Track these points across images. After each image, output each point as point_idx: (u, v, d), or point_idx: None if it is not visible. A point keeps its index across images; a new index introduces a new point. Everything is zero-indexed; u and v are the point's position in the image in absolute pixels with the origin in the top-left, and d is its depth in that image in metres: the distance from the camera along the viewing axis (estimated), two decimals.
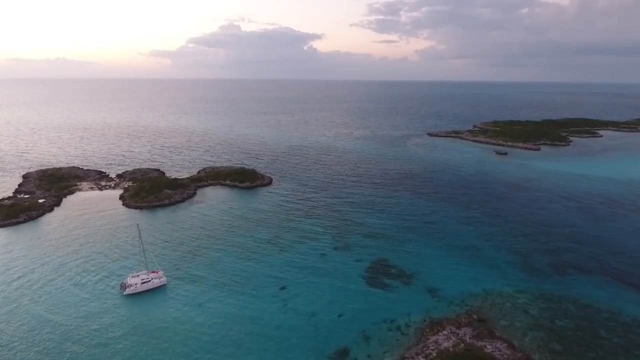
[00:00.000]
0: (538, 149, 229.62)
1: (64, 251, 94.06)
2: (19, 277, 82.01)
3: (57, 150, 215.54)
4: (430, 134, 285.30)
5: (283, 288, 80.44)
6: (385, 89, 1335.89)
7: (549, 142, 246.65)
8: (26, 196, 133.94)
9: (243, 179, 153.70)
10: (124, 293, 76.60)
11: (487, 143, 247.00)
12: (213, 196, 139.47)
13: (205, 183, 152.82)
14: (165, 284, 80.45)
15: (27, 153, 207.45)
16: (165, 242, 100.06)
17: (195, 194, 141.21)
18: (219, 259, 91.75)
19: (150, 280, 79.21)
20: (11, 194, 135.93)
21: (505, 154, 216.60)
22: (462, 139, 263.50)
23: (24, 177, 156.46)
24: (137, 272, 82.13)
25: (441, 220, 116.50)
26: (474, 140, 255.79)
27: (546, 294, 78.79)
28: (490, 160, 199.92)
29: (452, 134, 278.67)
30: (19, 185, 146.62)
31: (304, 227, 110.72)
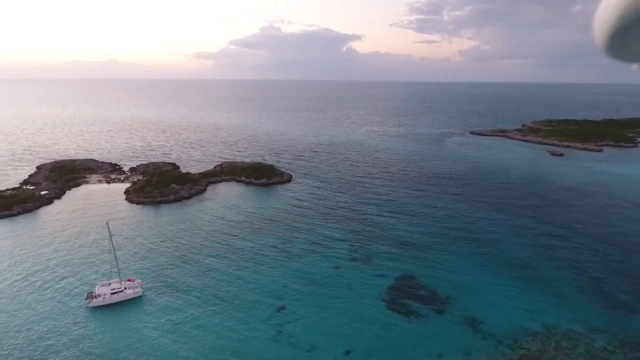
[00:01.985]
0: (600, 150, 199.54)
1: (41, 250, 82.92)
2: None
3: (81, 143, 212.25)
4: (472, 133, 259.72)
5: (282, 308, 64.29)
6: (425, 89, 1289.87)
7: (612, 143, 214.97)
8: (31, 187, 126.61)
9: (259, 175, 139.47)
10: (89, 305, 63.41)
11: (539, 143, 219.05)
12: (224, 193, 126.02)
13: (219, 179, 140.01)
14: (140, 296, 66.63)
15: (50, 145, 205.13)
16: (154, 243, 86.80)
17: (205, 190, 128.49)
18: (211, 266, 76.99)
19: (122, 291, 65.62)
20: (17, 185, 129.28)
21: (562, 155, 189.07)
22: (509, 138, 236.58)
23: (38, 167, 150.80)
24: (108, 279, 68.92)
25: (486, 230, 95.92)
26: (523, 140, 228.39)
27: (635, 336, 57.58)
28: (544, 162, 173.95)
29: (498, 133, 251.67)
30: (30, 175, 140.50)
31: (318, 232, 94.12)
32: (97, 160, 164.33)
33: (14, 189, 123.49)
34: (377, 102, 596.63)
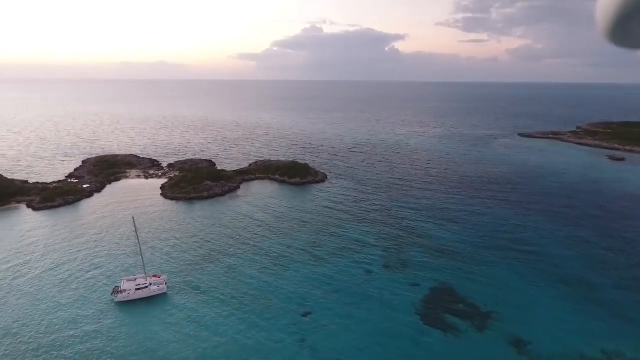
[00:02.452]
0: None
1: (74, 241, 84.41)
2: (11, 266, 73.09)
3: (124, 139, 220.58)
4: (521, 135, 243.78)
5: (306, 314, 60.52)
6: (470, 90, 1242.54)
7: None
8: (75, 180, 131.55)
9: (293, 174, 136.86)
10: (114, 300, 62.81)
11: (597, 147, 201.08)
12: (257, 191, 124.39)
13: (253, 177, 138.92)
14: (165, 292, 65.32)
15: (96, 140, 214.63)
16: (183, 240, 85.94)
17: (238, 187, 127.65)
18: (236, 266, 74.63)
19: (147, 287, 64.57)
20: (62, 178, 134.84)
21: (623, 159, 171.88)
22: (562, 140, 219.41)
23: (83, 162, 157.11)
24: (135, 274, 68.27)
25: (535, 240, 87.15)
26: (578, 143, 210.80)
27: None
28: (602, 167, 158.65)
29: (550, 135, 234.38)
30: (75, 169, 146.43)
31: (350, 235, 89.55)
32: (138, 156, 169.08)
33: (59, 181, 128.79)
34: (419, 103, 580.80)
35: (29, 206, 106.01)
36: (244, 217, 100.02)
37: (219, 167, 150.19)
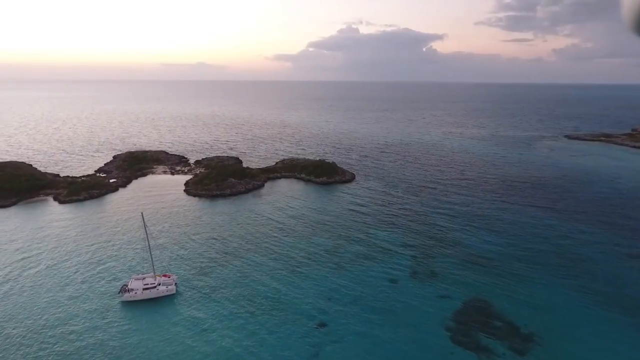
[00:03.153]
0: None
1: (91, 235, 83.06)
2: (22, 259, 72.17)
3: (156, 136, 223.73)
4: (568, 137, 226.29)
5: (321, 326, 54.85)
6: (512, 90, 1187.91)
7: None
8: (103, 175, 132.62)
9: (320, 173, 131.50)
10: (121, 299, 59.78)
11: None
12: (281, 190, 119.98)
13: (278, 175, 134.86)
14: (173, 294, 61.66)
15: (129, 137, 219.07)
16: (198, 239, 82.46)
17: (262, 185, 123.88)
18: (252, 269, 69.99)
19: (155, 287, 61.14)
20: (92, 172, 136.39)
21: None
22: (616, 143, 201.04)
23: (114, 157, 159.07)
24: (144, 273, 65.15)
25: (587, 254, 76.95)
26: (634, 146, 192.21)
27: None
28: None
29: (602, 138, 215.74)
30: (105, 164, 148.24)
31: (376, 240, 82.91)
32: (167, 152, 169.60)
33: (87, 175, 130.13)
34: (455, 103, 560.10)
35: (55, 199, 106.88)
36: (264, 217, 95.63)
37: (246, 165, 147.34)
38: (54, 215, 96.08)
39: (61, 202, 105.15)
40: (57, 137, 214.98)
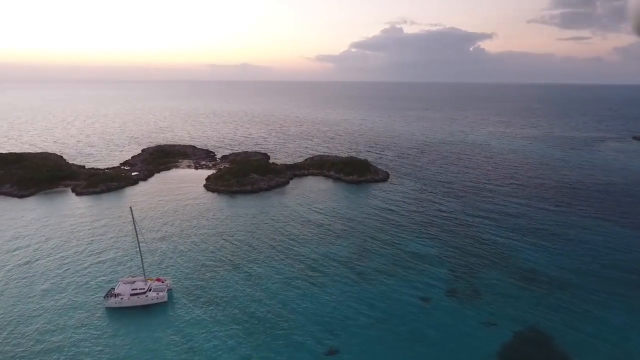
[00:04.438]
0: None
1: (94, 230, 77.22)
2: (15, 249, 66.92)
3: (190, 131, 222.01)
4: (637, 138, 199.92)
5: (332, 353, 44.34)
6: (569, 91, 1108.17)
7: None
8: (127, 168, 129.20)
9: (350, 170, 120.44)
10: (105, 304, 52.17)
11: None
12: (306, 187, 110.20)
13: (305, 172, 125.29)
14: (165, 301, 53.31)
15: (162, 131, 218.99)
16: (205, 238, 74.10)
17: (287, 182, 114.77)
18: (258, 277, 60.42)
19: (144, 293, 53.04)
20: (117, 165, 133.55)
21: None
22: None
23: (143, 150, 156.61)
24: (134, 276, 57.35)
25: None
26: None
27: None
28: None
29: None
30: (132, 157, 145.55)
31: (407, 248, 70.87)
32: (196, 147, 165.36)
33: (111, 168, 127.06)
34: (504, 103, 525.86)
35: (73, 190, 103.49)
36: (282, 217, 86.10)
37: (273, 161, 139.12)
38: (66, 206, 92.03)
39: (78, 193, 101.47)
40: (94, 131, 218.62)
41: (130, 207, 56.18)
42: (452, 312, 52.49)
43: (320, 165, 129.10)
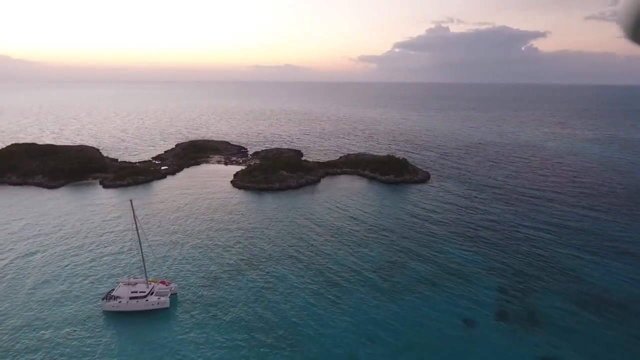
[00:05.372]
0: None
1: (104, 224, 73.70)
2: (26, 238, 63.97)
3: (225, 127, 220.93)
4: None
5: None
6: (635, 93, 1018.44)
7: None
8: (157, 162, 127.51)
9: (387, 170, 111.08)
10: (103, 307, 47.17)
11: None
12: (339, 187, 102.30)
13: (338, 170, 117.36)
14: (167, 307, 47.51)
15: (198, 127, 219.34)
16: (221, 237, 68.22)
17: (319, 181, 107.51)
18: (273, 285, 53.31)
19: (144, 297, 47.51)
20: (148, 159, 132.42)
21: None
22: None
23: (176, 145, 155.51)
24: (136, 277, 52.08)
25: None
26: None
27: None
28: None
29: None
30: (165, 151, 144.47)
31: (448, 259, 61.09)
32: (229, 143, 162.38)
33: (142, 162, 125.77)
34: (559, 104, 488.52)
35: (101, 182, 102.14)
36: (308, 218, 78.73)
37: (306, 158, 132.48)
38: (90, 198, 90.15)
39: (105, 186, 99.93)
40: (132, 126, 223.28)
41: (130, 200, 50.98)
42: (502, 340, 42.85)
43: (355, 164, 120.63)
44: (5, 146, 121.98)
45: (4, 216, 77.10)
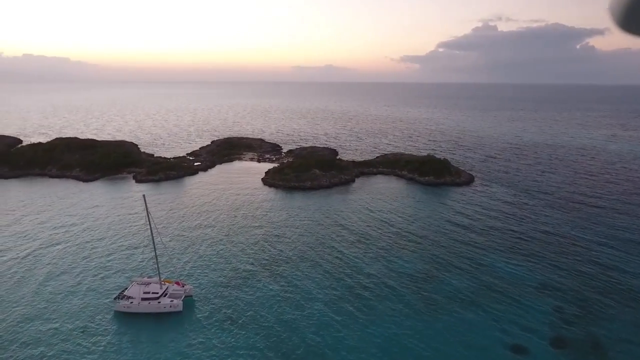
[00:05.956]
0: None
1: (128, 217, 72.31)
2: (51, 229, 63.34)
3: (261, 125, 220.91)
4: None
5: None
6: None
7: None
8: (191, 158, 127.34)
9: (426, 171, 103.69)
10: (114, 307, 44.72)
11: None
12: (374, 188, 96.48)
13: (374, 170, 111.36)
14: (179, 311, 44.30)
15: (234, 125, 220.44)
16: (244, 238, 64.56)
17: (353, 180, 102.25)
18: (292, 294, 48.69)
19: (156, 299, 44.55)
20: (183, 155, 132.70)
21: None
22: None
23: (212, 142, 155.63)
24: (149, 275, 49.41)
25: None
26: None
27: None
28: None
29: None
30: (200, 148, 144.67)
31: (493, 273, 53.79)
32: (263, 140, 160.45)
33: (176, 157, 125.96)
34: (619, 105, 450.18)
35: (134, 177, 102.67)
36: (339, 220, 73.58)
37: (341, 158, 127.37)
38: (121, 192, 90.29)
39: (138, 180, 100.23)
40: (172, 123, 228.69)
41: (144, 195, 48.25)
42: None
43: (392, 164, 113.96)
44: (49, 140, 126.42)
45: (36, 206, 78.44)
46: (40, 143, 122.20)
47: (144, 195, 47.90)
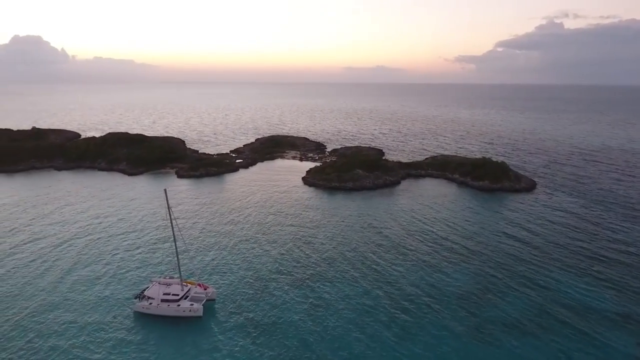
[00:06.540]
0: None
1: (159, 212, 71.20)
2: (88, 221, 63.32)
3: (307, 123, 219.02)
4: None
5: None
6: None
7: None
8: (234, 155, 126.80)
9: (480, 174, 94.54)
10: (134, 307, 42.53)
11: None
12: (421, 191, 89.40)
13: (422, 172, 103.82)
14: (199, 317, 41.16)
15: (280, 123, 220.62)
16: (277, 237, 60.77)
17: (399, 182, 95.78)
18: (323, 310, 43.85)
19: (176, 301, 41.75)
20: (226, 151, 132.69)
21: None
22: None
23: (256, 139, 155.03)
24: (171, 275, 46.82)
25: None
26: None
27: None
28: None
29: None
30: (244, 145, 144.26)
31: (557, 296, 45.54)
32: (308, 139, 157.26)
33: (219, 154, 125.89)
34: None
35: (176, 172, 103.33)
36: (381, 225, 67.65)
37: (386, 158, 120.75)
38: (162, 186, 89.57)
39: (180, 176, 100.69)
40: (221, 121, 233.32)
41: (165, 190, 45.53)
42: None
43: (442, 166, 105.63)
44: (102, 135, 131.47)
45: (79, 197, 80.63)
46: (93, 137, 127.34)
47: (165, 190, 45.32)
